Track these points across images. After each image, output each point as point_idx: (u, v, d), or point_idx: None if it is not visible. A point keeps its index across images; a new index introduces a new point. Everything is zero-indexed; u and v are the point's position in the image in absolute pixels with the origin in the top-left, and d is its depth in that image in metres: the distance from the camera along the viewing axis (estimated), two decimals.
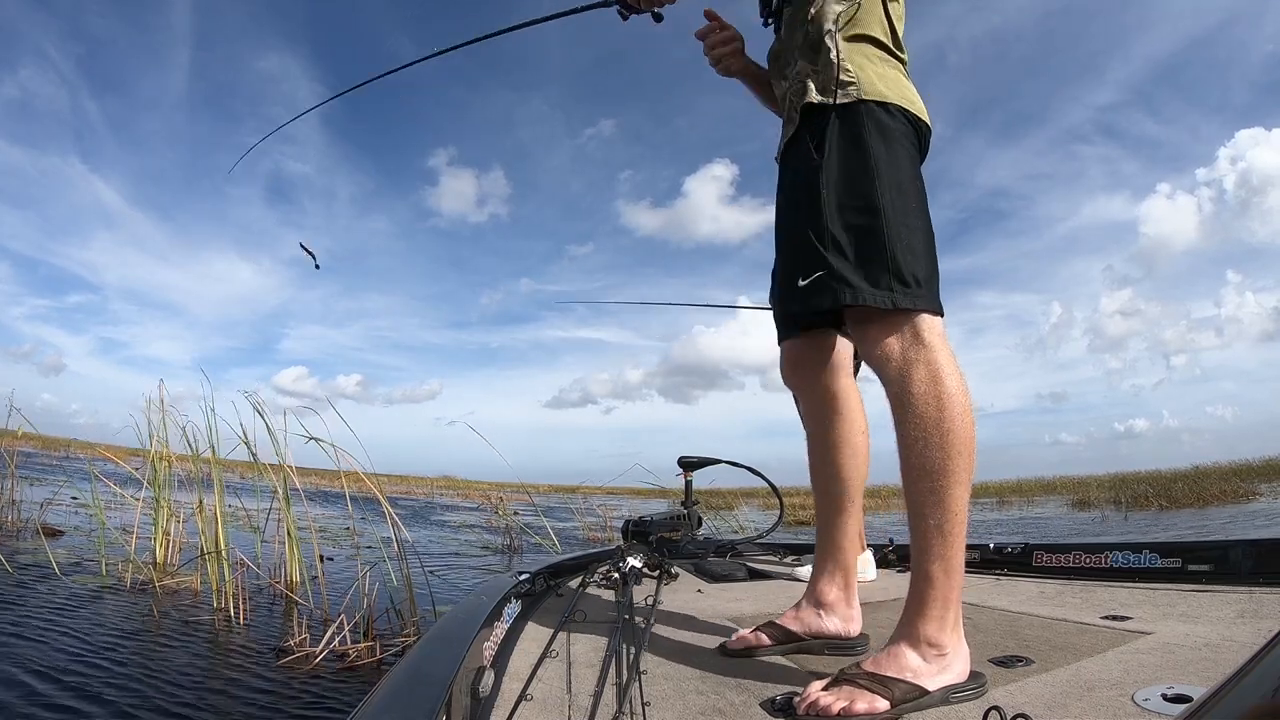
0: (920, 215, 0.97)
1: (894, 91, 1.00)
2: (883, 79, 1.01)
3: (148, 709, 1.92)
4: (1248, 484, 11.77)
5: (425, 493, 18.24)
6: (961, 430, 0.89)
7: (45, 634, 2.51)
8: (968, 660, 0.89)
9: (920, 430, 0.90)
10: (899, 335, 0.93)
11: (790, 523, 10.75)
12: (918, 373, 0.91)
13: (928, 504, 0.89)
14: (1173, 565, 1.62)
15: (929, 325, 0.93)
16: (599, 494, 10.98)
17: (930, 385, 0.90)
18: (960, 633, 0.89)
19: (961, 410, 0.90)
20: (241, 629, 2.88)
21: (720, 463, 2.57)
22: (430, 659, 0.90)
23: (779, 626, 1.15)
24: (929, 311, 0.93)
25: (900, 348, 0.92)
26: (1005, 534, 8.36)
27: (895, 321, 0.93)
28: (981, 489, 18.70)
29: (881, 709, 0.81)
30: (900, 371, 0.92)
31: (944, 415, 0.89)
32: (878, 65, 1.02)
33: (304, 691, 2.16)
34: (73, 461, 10.36)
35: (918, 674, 0.85)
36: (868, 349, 0.97)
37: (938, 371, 0.90)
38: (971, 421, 0.90)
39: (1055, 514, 11.85)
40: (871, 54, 1.03)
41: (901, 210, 0.94)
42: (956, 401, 0.90)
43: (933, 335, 0.93)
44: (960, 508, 0.88)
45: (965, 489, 0.89)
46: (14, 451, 5.62)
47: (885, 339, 0.94)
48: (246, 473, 4.08)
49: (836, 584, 1.16)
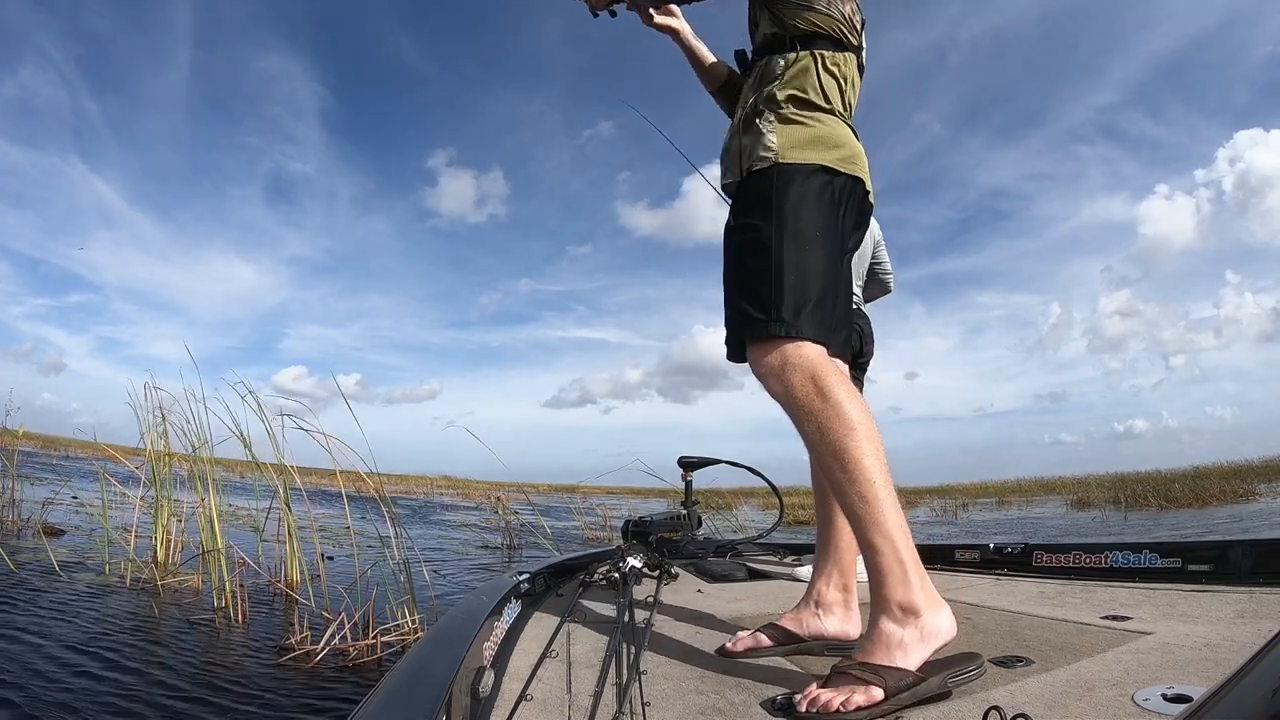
0: (819, 259, 1.05)
1: (812, 152, 1.09)
2: (798, 140, 1.10)
3: (149, 707, 1.92)
4: (1247, 484, 11.77)
5: (425, 492, 18.24)
6: (851, 409, 0.95)
7: (46, 633, 2.51)
8: (949, 615, 0.91)
9: (813, 422, 0.96)
10: (777, 355, 1.01)
11: (790, 523, 10.76)
12: (795, 378, 0.98)
13: (844, 482, 0.94)
14: (1173, 565, 1.62)
15: (806, 346, 1.00)
16: (598, 493, 11.00)
17: (810, 383, 0.97)
18: (930, 587, 0.91)
19: (847, 394, 0.96)
20: (242, 628, 2.88)
21: (720, 463, 2.58)
22: (430, 659, 0.90)
23: (779, 628, 1.16)
24: (807, 339, 1.01)
25: (779, 364, 1.00)
26: (1005, 534, 8.37)
27: (772, 346, 1.01)
28: (981, 489, 18.72)
29: (877, 698, 0.82)
30: (781, 382, 1.00)
31: (829, 402, 0.96)
32: (807, 126, 1.11)
33: (305, 690, 2.16)
34: (73, 461, 10.37)
35: (904, 645, 0.87)
36: (757, 374, 1.05)
37: (814, 373, 0.98)
38: (862, 405, 0.97)
39: (1055, 514, 11.85)
40: (805, 115, 1.11)
41: (793, 255, 1.03)
42: (840, 389, 0.97)
43: (809, 352, 1.00)
44: (875, 475, 0.93)
45: (875, 458, 0.94)
46: (14, 450, 5.62)
47: (764, 360, 1.02)
48: (246, 472, 4.08)
49: (835, 585, 1.19)
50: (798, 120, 1.11)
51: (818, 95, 1.13)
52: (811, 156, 1.09)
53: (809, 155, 1.09)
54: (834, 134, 1.12)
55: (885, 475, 0.94)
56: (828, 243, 1.08)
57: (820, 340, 1.02)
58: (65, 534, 4.94)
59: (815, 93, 1.13)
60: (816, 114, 1.13)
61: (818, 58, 1.14)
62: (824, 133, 1.11)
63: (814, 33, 1.14)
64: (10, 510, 5.23)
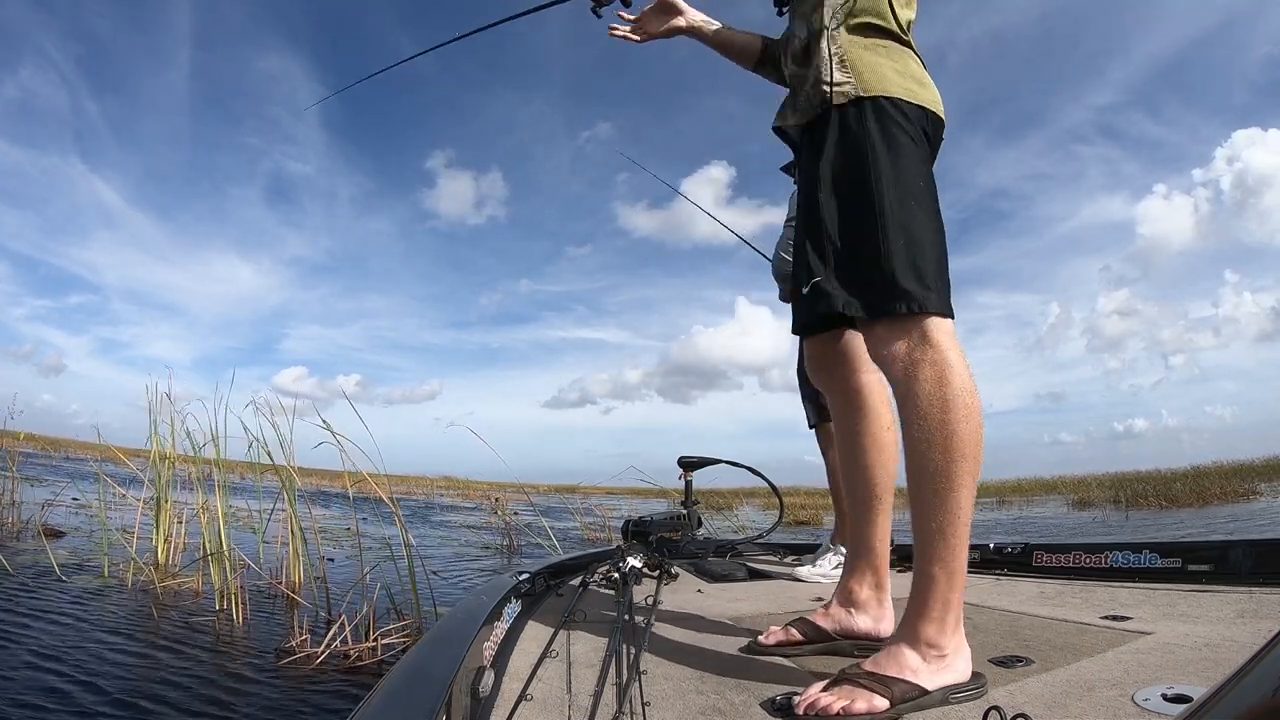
0: (926, 214, 0.94)
1: (897, 85, 0.97)
2: (884, 72, 0.97)
3: (150, 709, 1.92)
4: (1248, 483, 11.76)
5: (425, 493, 18.24)
6: (966, 434, 0.87)
7: (47, 635, 2.51)
8: (969, 660, 0.89)
9: (924, 431, 0.88)
10: (905, 338, 0.91)
11: (790, 523, 10.76)
12: (923, 373, 0.89)
13: (930, 506, 0.88)
14: (1173, 565, 1.62)
15: (936, 326, 0.90)
16: (598, 494, 10.99)
17: (936, 386, 0.88)
18: (961, 634, 0.89)
19: (966, 413, 0.88)
20: (243, 629, 2.88)
21: (720, 463, 2.58)
22: (430, 659, 0.90)
23: (810, 623, 1.14)
24: (936, 314, 0.91)
25: (906, 349, 0.90)
26: (1005, 534, 8.36)
27: (899, 324, 0.91)
28: (982, 489, 18.35)
29: (881, 708, 0.81)
30: (905, 372, 0.90)
31: (948, 418, 0.87)
32: (881, 56, 0.99)
33: (306, 692, 2.16)
34: (73, 462, 10.36)
35: (917, 674, 0.85)
36: (874, 350, 0.97)
37: (944, 373, 0.88)
38: (978, 425, 0.89)
39: (1055, 514, 11.84)
40: (875, 45, 0.99)
41: (903, 211, 0.92)
42: (962, 404, 0.88)
43: (940, 336, 0.90)
44: (963, 511, 0.87)
45: (969, 493, 0.87)
46: (15, 452, 5.62)
47: (890, 341, 0.92)
48: (246, 473, 4.08)
49: (868, 583, 1.14)
50: (878, 49, 0.98)
51: (892, 24, 1.00)
52: (900, 90, 0.96)
53: (899, 90, 0.96)
54: (913, 68, 1.00)
55: (971, 512, 0.87)
56: (932, 192, 0.96)
57: (949, 312, 0.92)
58: (65, 535, 4.94)
59: (889, 21, 1.00)
60: (892, 43, 1.00)
61: None
62: (905, 66, 0.98)
63: None
64: (11, 512, 5.23)
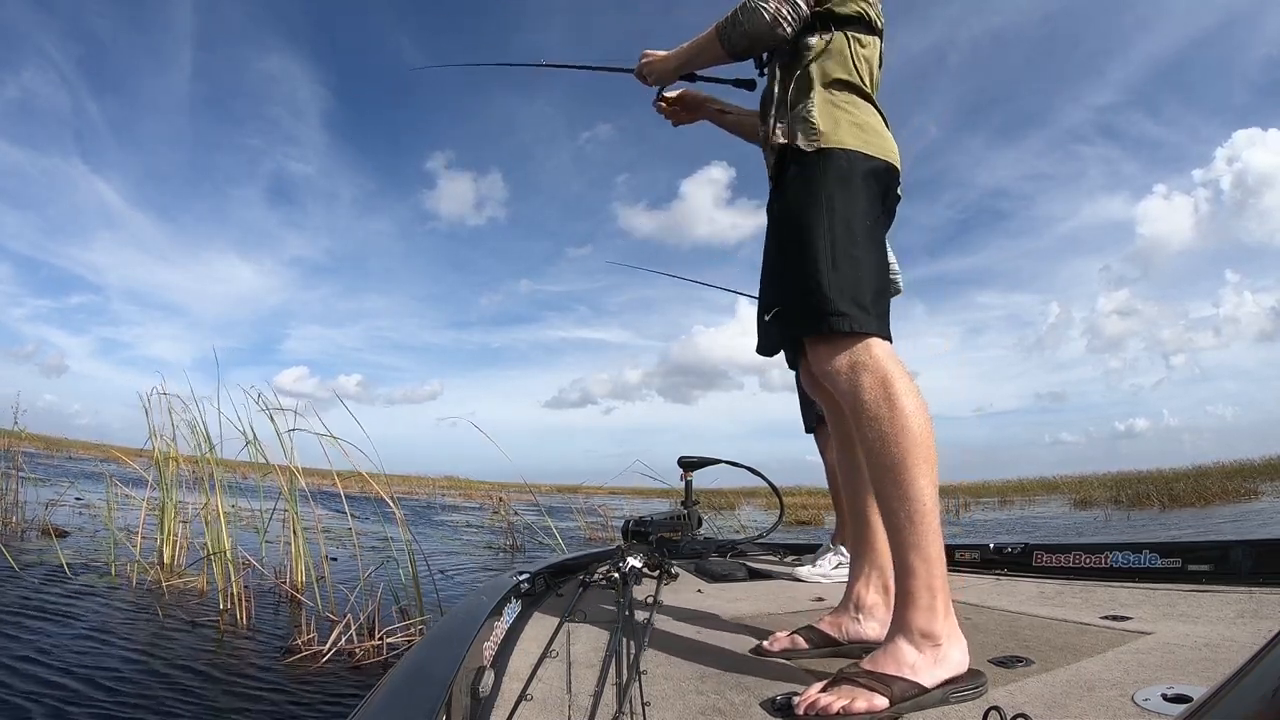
0: (867, 252, 1.03)
1: (853, 137, 1.07)
2: (841, 126, 1.08)
3: (156, 709, 1.93)
4: (1249, 483, 11.74)
5: (427, 493, 18.24)
6: (915, 425, 0.93)
7: (52, 634, 2.52)
8: (965, 649, 0.90)
9: (875, 430, 0.94)
10: (846, 354, 0.99)
11: (791, 522, 10.76)
12: (865, 380, 0.96)
13: (895, 499, 0.93)
14: (1173, 565, 1.62)
15: (875, 344, 0.99)
16: (600, 494, 11.01)
17: (880, 389, 0.95)
18: (953, 620, 0.91)
19: (914, 407, 0.94)
20: (247, 629, 2.89)
21: (720, 463, 2.58)
22: (430, 659, 0.90)
23: (818, 631, 1.14)
24: (875, 335, 0.99)
25: (848, 363, 0.99)
26: (1006, 533, 8.36)
27: (840, 342, 1.00)
28: (983, 489, 18.68)
29: (881, 706, 0.82)
30: (850, 383, 0.98)
31: (896, 412, 0.94)
32: (842, 111, 1.09)
33: (312, 691, 2.17)
34: (75, 462, 10.39)
35: (915, 668, 0.86)
36: (818, 366, 1.04)
37: (885, 377, 0.96)
38: (927, 420, 0.95)
39: (1057, 513, 11.83)
40: (838, 99, 1.10)
41: (847, 248, 1.01)
42: (907, 400, 0.94)
43: (879, 351, 0.98)
44: (926, 497, 0.91)
45: (928, 480, 0.92)
46: (18, 452, 5.64)
47: (833, 357, 1.00)
48: (248, 473, 4.09)
49: (875, 588, 1.14)
50: (839, 104, 1.09)
51: (854, 78, 1.11)
52: (855, 142, 1.07)
53: (853, 141, 1.07)
54: (872, 120, 1.11)
55: (935, 498, 0.92)
56: (877, 232, 1.06)
57: (887, 335, 1.00)
58: (70, 535, 4.95)
59: (853, 75, 1.11)
60: (854, 98, 1.11)
61: (850, 39, 1.12)
62: (863, 118, 1.10)
63: (845, 14, 1.12)
64: (15, 512, 5.24)
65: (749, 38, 1.16)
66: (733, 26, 1.16)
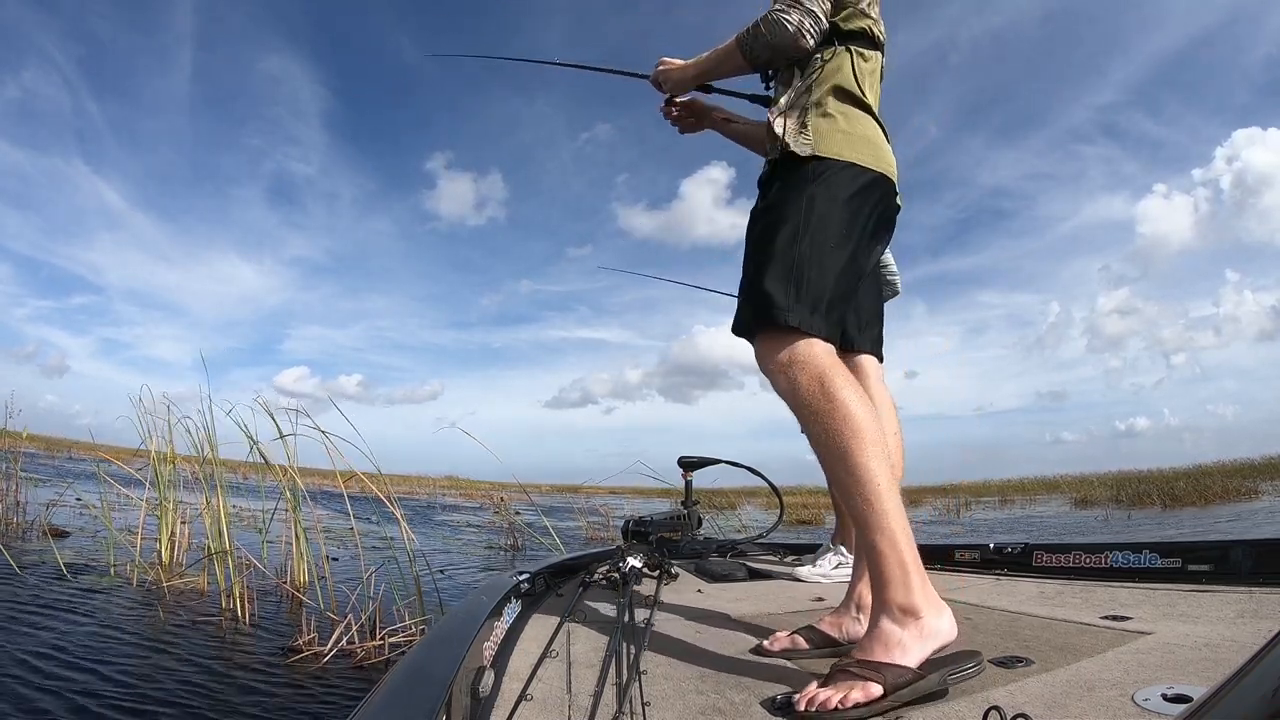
0: (835, 259, 1.05)
1: (845, 147, 1.09)
2: (834, 136, 1.10)
3: (160, 708, 1.93)
4: (1250, 482, 11.75)
5: (428, 493, 18.25)
6: (857, 412, 0.96)
7: (53, 635, 2.53)
8: (950, 617, 0.92)
9: (819, 424, 0.97)
10: (785, 350, 1.01)
11: (793, 522, 10.76)
12: (802, 376, 0.99)
13: (848, 484, 0.95)
14: (1173, 565, 1.61)
15: (816, 344, 1.01)
16: (601, 494, 11.01)
17: (816, 384, 0.98)
18: (930, 591, 0.92)
19: (852, 396, 0.97)
20: (248, 629, 2.89)
21: (720, 462, 2.58)
22: (430, 659, 0.90)
23: (818, 631, 1.15)
24: (817, 335, 1.01)
25: (787, 359, 1.01)
26: (1007, 533, 8.36)
27: (781, 337, 1.02)
28: (983, 488, 18.70)
29: (876, 694, 0.82)
30: (788, 379, 1.00)
31: (834, 402, 0.96)
32: (837, 122, 1.11)
33: (314, 691, 2.17)
34: (76, 462, 10.40)
35: (903, 645, 0.87)
36: (760, 362, 1.06)
37: (821, 373, 0.98)
38: (868, 407, 0.97)
39: (1058, 513, 11.83)
40: (836, 109, 1.12)
41: (812, 251, 1.03)
42: (844, 391, 0.97)
43: (818, 350, 1.00)
44: (876, 478, 0.93)
45: (879, 464, 0.94)
46: (18, 452, 5.65)
47: (774, 355, 1.02)
48: (249, 473, 4.10)
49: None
50: (836, 114, 1.12)
51: (855, 90, 1.14)
52: (848, 153, 1.09)
53: (845, 151, 1.09)
54: (868, 132, 1.13)
55: (889, 478, 0.94)
56: (852, 241, 1.08)
57: (831, 339, 1.02)
58: (70, 535, 4.96)
59: (853, 88, 1.14)
60: (853, 110, 1.13)
61: (854, 54, 1.15)
62: (860, 130, 1.12)
63: (851, 30, 1.16)
64: (16, 512, 5.25)
65: (772, 49, 1.17)
66: (755, 38, 1.18)
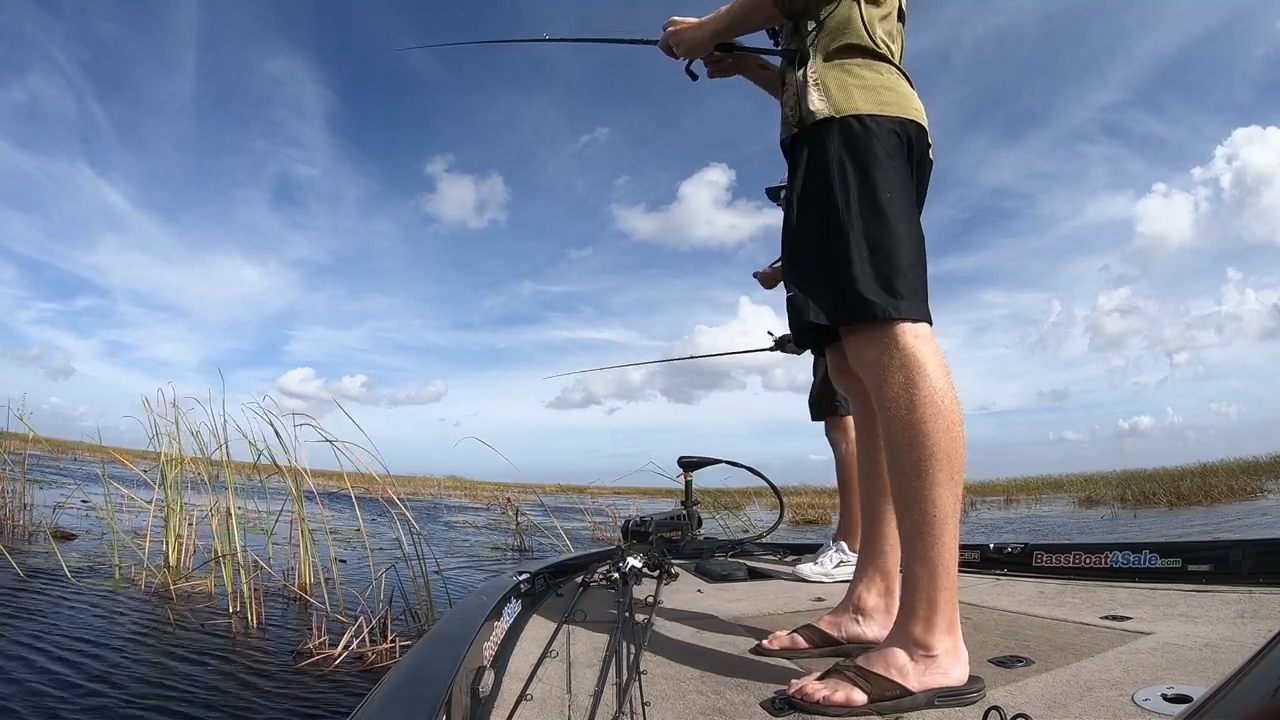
0: (895, 224, 0.97)
1: (866, 100, 1.01)
2: (851, 91, 1.02)
3: (171, 711, 1.93)
4: (1255, 481, 11.67)
5: (433, 493, 18.27)
6: (934, 431, 0.88)
7: (59, 638, 2.54)
8: (966, 665, 0.88)
9: (893, 431, 0.92)
10: (876, 343, 0.94)
11: (797, 522, 10.75)
12: (893, 377, 0.92)
13: (908, 504, 0.90)
14: (1173, 565, 1.61)
15: (906, 331, 0.93)
16: (606, 494, 11.02)
17: (904, 389, 0.90)
18: (956, 636, 0.88)
19: (934, 411, 0.89)
20: (257, 631, 2.89)
21: (720, 463, 2.58)
22: (430, 659, 0.91)
23: (817, 630, 1.14)
24: (909, 319, 0.94)
25: (876, 355, 0.94)
26: (1012, 532, 8.32)
27: (870, 332, 0.95)
28: (987, 487, 18.60)
29: (859, 701, 0.83)
30: (878, 377, 0.94)
31: (915, 417, 0.89)
32: (852, 75, 1.04)
33: (327, 693, 2.17)
34: (80, 464, 10.45)
35: (904, 673, 0.86)
36: (852, 359, 1.00)
37: (913, 375, 0.90)
38: (951, 424, 0.90)
39: (1062, 512, 11.77)
40: (848, 65, 1.05)
41: (870, 224, 0.96)
42: (931, 404, 0.89)
43: (910, 339, 0.93)
44: (940, 510, 0.88)
45: (945, 491, 0.88)
46: (24, 454, 5.67)
47: (864, 348, 0.96)
48: (253, 474, 4.11)
49: (877, 589, 1.14)
50: (849, 68, 1.04)
51: (866, 40, 1.06)
52: (869, 105, 1.01)
53: (867, 104, 1.01)
54: (888, 78, 1.05)
55: (952, 510, 0.88)
56: (903, 200, 0.99)
57: (920, 316, 0.94)
58: (76, 538, 4.98)
59: (864, 39, 1.05)
60: (867, 60, 1.05)
61: (860, 2, 1.06)
62: (877, 79, 1.04)
63: None
64: (22, 515, 5.28)
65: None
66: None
